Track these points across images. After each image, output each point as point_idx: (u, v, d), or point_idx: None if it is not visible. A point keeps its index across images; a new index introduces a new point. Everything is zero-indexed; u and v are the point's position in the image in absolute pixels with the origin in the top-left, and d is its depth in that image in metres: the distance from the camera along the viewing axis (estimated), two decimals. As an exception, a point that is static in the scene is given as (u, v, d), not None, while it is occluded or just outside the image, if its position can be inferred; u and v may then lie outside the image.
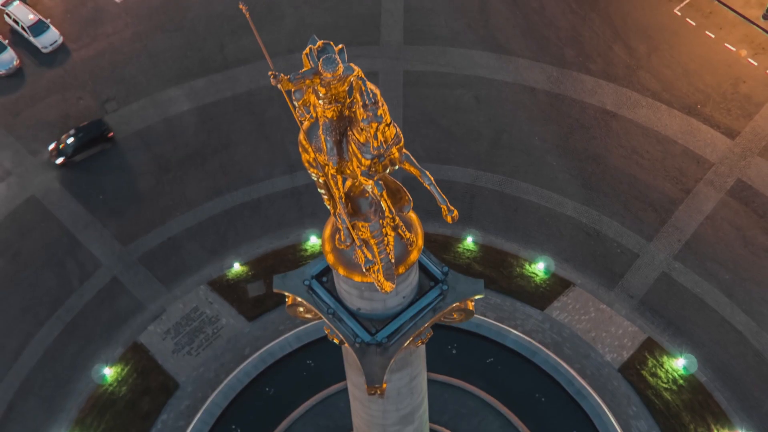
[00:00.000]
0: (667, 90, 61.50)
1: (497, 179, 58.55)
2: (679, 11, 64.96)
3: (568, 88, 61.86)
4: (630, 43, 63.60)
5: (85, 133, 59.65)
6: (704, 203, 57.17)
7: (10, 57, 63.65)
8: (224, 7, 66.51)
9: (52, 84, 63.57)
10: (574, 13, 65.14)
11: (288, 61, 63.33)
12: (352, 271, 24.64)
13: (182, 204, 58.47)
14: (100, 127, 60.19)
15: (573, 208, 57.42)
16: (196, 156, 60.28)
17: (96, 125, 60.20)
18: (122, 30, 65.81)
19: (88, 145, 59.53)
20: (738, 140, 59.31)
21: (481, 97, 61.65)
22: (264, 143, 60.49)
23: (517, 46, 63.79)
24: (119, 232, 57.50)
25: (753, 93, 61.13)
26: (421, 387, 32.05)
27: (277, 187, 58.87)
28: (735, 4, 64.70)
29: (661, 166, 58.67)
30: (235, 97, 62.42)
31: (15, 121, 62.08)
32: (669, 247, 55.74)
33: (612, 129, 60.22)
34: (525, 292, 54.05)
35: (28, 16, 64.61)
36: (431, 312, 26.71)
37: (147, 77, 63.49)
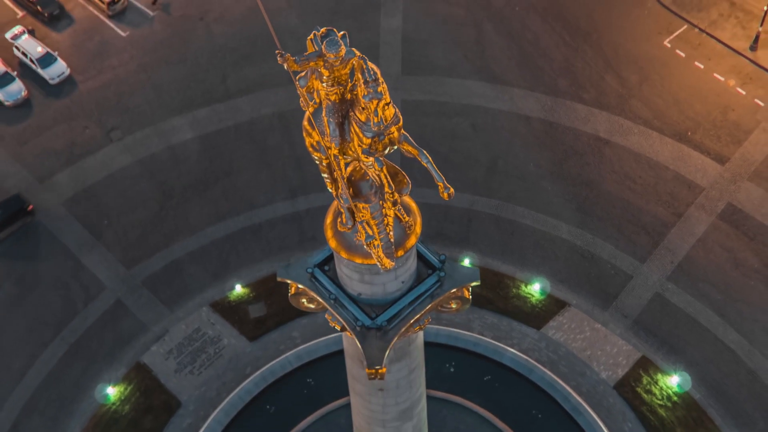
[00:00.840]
0: (659, 118, 63.17)
1: (494, 204, 59.92)
2: (669, 43, 66.89)
3: (561, 117, 63.53)
4: (622, 74, 65.43)
5: (3, 209, 59.09)
6: (696, 226, 58.48)
7: (18, 88, 65.37)
8: (226, 40, 68.43)
9: (58, 114, 65.21)
10: (567, 45, 67.05)
11: (290, 92, 65.20)
12: (354, 254, 25.89)
13: (185, 229, 59.73)
14: (19, 202, 59.40)
15: (568, 231, 58.72)
16: (199, 183, 61.68)
17: (14, 201, 59.40)
18: (128, 62, 67.63)
19: (8, 221, 58.82)
20: (728, 166, 60.80)
21: (477, 125, 63.28)
22: (265, 170, 61.94)
23: (512, 76, 65.61)
24: (123, 256, 58.67)
25: (742, 120, 62.79)
26: (420, 381, 33.05)
27: (278, 212, 60.18)
28: (723, 36, 66.67)
29: (653, 190, 60.08)
30: (237, 126, 64.02)
31: (22, 150, 63.58)
32: (662, 268, 56.92)
33: (605, 155, 61.76)
34: (521, 312, 55.09)
35: (36, 48, 66.46)
36: (429, 298, 27.89)
37: (151, 107, 65.16)
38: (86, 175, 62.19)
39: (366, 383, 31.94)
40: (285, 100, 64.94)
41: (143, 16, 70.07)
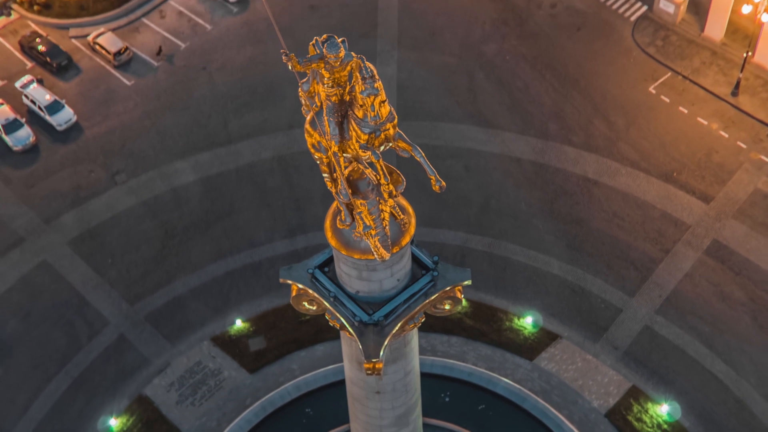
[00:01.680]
0: (645, 159, 65.44)
1: (486, 241, 61.80)
2: (654, 89, 69.51)
3: (552, 159, 65.79)
4: (609, 118, 67.90)
5: None
6: (683, 262, 60.30)
7: (27, 134, 67.61)
8: (228, 88, 70.97)
9: (65, 158, 67.37)
10: (556, 92, 69.63)
11: (289, 136, 67.70)
12: (352, 250, 27.72)
13: (187, 266, 61.44)
14: None
15: (559, 267, 60.49)
16: (201, 222, 63.57)
17: None
18: (132, 109, 70.05)
19: None
20: (712, 204, 62.87)
21: (470, 167, 65.48)
22: (265, 210, 63.91)
23: (504, 121, 68.04)
24: (127, 292, 60.25)
25: (725, 162, 65.06)
26: (415, 386, 34.55)
27: (277, 250, 61.96)
28: (705, 82, 69.31)
29: (641, 228, 62.04)
30: (238, 169, 66.16)
31: (29, 193, 65.56)
32: (650, 302, 58.59)
33: (594, 195, 63.86)
34: (514, 344, 56.59)
35: (44, 96, 68.88)
36: (423, 296, 29.65)
37: (155, 152, 67.37)
38: (91, 216, 64.06)
39: (364, 386, 33.48)
40: (284, 144, 67.22)
41: (148, 67, 72.72)
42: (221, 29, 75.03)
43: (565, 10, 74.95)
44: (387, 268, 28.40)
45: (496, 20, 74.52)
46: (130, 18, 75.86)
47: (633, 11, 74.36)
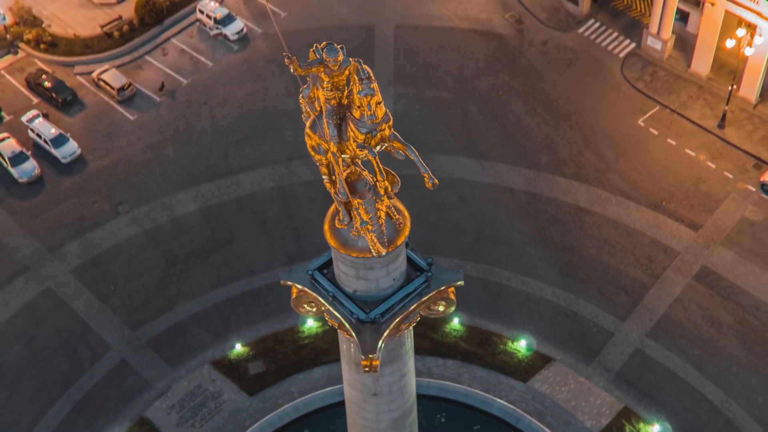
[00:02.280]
0: (635, 189, 67.22)
1: (481, 268, 63.30)
2: (643, 122, 71.54)
3: (544, 189, 67.55)
4: (599, 150, 69.81)
5: None
6: (672, 287, 61.77)
7: (32, 166, 69.32)
8: (228, 122, 72.90)
9: (69, 190, 69.02)
10: (548, 125, 71.63)
11: (288, 168, 69.49)
12: (350, 249, 29.26)
13: (188, 293, 62.80)
14: None
15: (551, 292, 61.94)
16: (202, 251, 65.07)
17: None
18: (135, 143, 71.90)
19: None
20: (701, 232, 64.53)
21: (465, 197, 67.20)
22: (265, 239, 65.44)
23: (497, 153, 69.93)
24: (129, 318, 61.53)
25: (712, 191, 66.87)
26: (410, 389, 35.82)
27: (276, 277, 62.64)
28: (692, 115, 71.38)
29: (631, 255, 63.61)
30: (238, 199, 67.83)
31: (34, 223, 67.08)
32: (641, 326, 59.97)
33: (585, 223, 65.52)
34: (508, 367, 57.82)
35: (50, 130, 70.72)
36: (418, 296, 31.09)
37: (157, 183, 69.06)
38: (94, 245, 65.53)
39: (361, 389, 34.75)
40: (283, 175, 68.96)
41: (150, 102, 74.73)
42: (222, 66, 77.22)
43: (556, 48, 77.29)
44: (383, 267, 29.91)
45: (489, 57, 76.80)
46: (133, 56, 78.07)
47: (621, 48, 76.69)
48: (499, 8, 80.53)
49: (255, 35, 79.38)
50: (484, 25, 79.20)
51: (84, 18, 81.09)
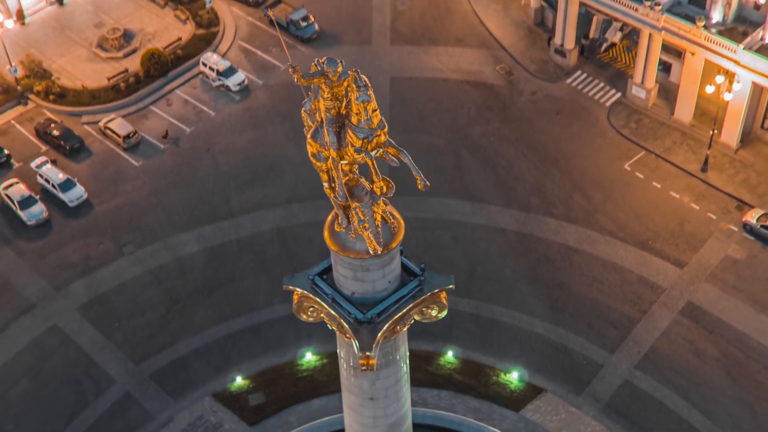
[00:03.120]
0: (622, 229, 69.74)
1: (474, 304, 65.45)
2: (629, 167, 74.39)
3: (534, 229, 70.06)
4: (587, 193, 72.51)
5: None
6: (659, 321, 63.90)
7: (40, 209, 71.78)
8: (230, 168, 75.65)
9: (76, 232, 71.38)
10: (537, 169, 74.46)
11: (287, 210, 72.04)
12: (348, 251, 31.63)
13: (190, 329, 64.79)
14: None
15: (542, 327, 64.03)
16: (204, 289, 67.23)
17: None
18: (140, 188, 74.51)
19: None
20: (686, 269, 66.88)
21: (458, 237, 69.64)
22: (265, 277, 67.65)
23: (489, 195, 72.59)
24: (132, 353, 63.41)
25: (696, 231, 69.41)
26: (405, 396, 37.82)
27: (276, 313, 65.45)
28: (676, 160, 74.27)
29: (619, 291, 65.87)
30: (239, 240, 70.22)
31: (41, 263, 69.30)
32: (630, 358, 61.95)
33: (574, 261, 67.88)
34: (501, 397, 59.64)
35: (58, 175, 73.34)
36: (411, 298, 33.39)
37: (161, 225, 71.49)
38: (100, 284, 67.67)
39: (359, 393, 36.76)
40: (283, 217, 71.45)
41: (155, 149, 77.57)
42: (224, 115, 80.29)
43: (545, 97, 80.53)
44: (379, 269, 32.23)
45: (481, 106, 79.98)
46: (138, 106, 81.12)
47: (608, 97, 79.95)
48: (490, 61, 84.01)
49: (256, 86, 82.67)
50: (475, 77, 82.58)
51: (92, 71, 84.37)
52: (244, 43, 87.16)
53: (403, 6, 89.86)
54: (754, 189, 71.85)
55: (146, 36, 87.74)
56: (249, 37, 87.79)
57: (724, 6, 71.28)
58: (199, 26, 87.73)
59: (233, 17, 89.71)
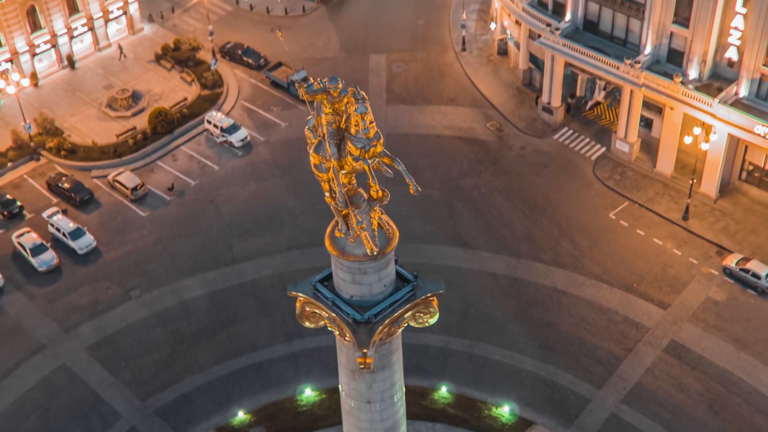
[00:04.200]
0: (608, 273, 72.98)
1: (466, 343, 68.28)
2: (614, 215, 77.99)
3: (524, 273, 73.27)
4: (574, 240, 75.93)
5: None
6: (644, 359, 66.69)
7: (51, 256, 74.98)
8: (232, 217, 79.14)
9: (85, 278, 74.48)
10: (526, 218, 78.02)
11: (287, 257, 75.21)
12: (347, 255, 34.85)
13: (194, 367, 67.41)
14: None
15: (532, 364, 66.77)
16: (207, 330, 70.06)
17: None
18: (146, 236, 77.86)
19: None
20: (669, 310, 69.92)
21: (451, 281, 72.68)
22: (266, 319, 70.55)
23: (480, 242, 75.98)
24: (138, 390, 65.91)
25: (679, 275, 72.64)
26: (400, 401, 40.60)
27: (276, 353, 68.19)
28: (659, 209, 77.91)
29: (605, 330, 68.78)
30: (241, 285, 73.27)
31: (51, 307, 72.23)
32: (616, 393, 64.57)
33: (563, 303, 70.93)
34: (493, 430, 62.12)
35: (68, 224, 76.77)
36: (405, 302, 36.52)
37: (167, 271, 74.63)
38: (107, 325, 70.48)
39: (357, 396, 39.56)
40: (283, 263, 74.64)
41: (161, 200, 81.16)
42: (227, 170, 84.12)
43: (533, 152, 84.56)
44: (376, 272, 35.43)
45: (473, 160, 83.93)
46: (145, 161, 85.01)
47: (593, 151, 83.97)
48: (481, 118, 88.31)
49: (258, 143, 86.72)
50: (467, 133, 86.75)
51: (101, 129, 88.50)
52: (247, 103, 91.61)
53: (399, 69, 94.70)
54: (733, 236, 75.34)
55: (153, 96, 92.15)
56: (251, 97, 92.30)
57: (700, 64, 75.72)
58: (204, 87, 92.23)
59: (236, 79, 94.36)
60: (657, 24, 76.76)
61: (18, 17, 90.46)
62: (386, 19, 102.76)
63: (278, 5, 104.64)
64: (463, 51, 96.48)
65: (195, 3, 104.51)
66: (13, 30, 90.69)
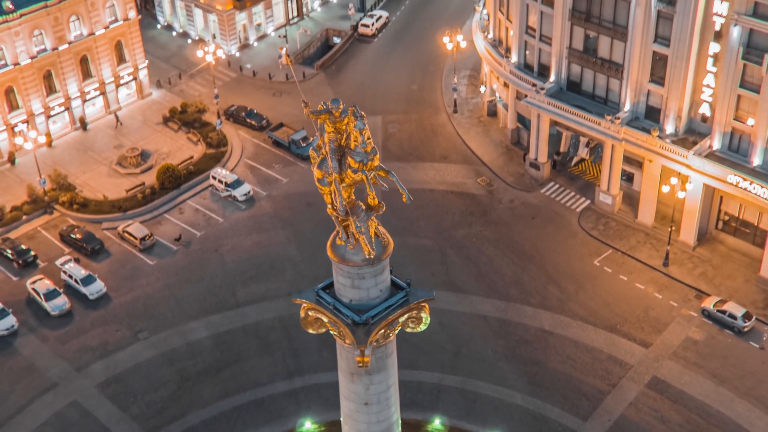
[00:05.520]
0: (593, 315, 76.92)
1: (459, 380, 71.87)
2: (598, 263, 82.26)
3: (513, 316, 77.19)
4: (561, 284, 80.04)
5: None
6: (627, 393, 70.23)
7: (63, 301, 78.87)
8: (236, 265, 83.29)
9: (95, 321, 78.25)
10: (515, 265, 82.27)
11: (288, 301, 78.76)
12: (347, 261, 39.02)
13: (199, 403, 70.79)
14: None
15: (521, 398, 70.28)
16: (211, 368, 73.60)
17: None
18: (154, 283, 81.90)
19: None
20: (651, 349, 73.69)
21: (444, 323, 76.59)
22: (268, 358, 74.17)
23: (472, 287, 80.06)
24: (146, 424, 69.14)
25: (660, 316, 76.60)
26: (395, 404, 44.25)
27: (278, 389, 71.66)
28: (641, 256, 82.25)
29: (591, 368, 72.44)
30: (244, 327, 77.07)
31: (63, 348, 75.83)
32: (601, 425, 67.97)
33: (550, 343, 74.70)
34: (484, 458, 65.49)
35: (80, 271, 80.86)
36: (399, 306, 40.55)
37: (173, 315, 78.46)
38: (117, 365, 74.02)
39: (355, 399, 43.25)
40: (284, 307, 78.50)
41: (168, 250, 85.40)
42: (231, 222, 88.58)
43: (522, 204, 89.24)
44: (372, 277, 39.56)
45: (464, 212, 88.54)
46: (153, 214, 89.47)
47: (578, 204, 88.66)
48: (472, 174, 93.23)
49: (260, 197, 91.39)
50: (459, 187, 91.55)
51: (111, 185, 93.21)
52: (250, 161, 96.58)
53: (394, 129, 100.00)
54: (711, 280, 79.51)
55: (161, 155, 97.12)
56: (254, 155, 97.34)
57: (676, 119, 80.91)
58: (210, 146, 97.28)
59: (240, 139, 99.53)
60: (635, 83, 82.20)
61: (35, 81, 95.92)
62: (382, 84, 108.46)
63: (280, 72, 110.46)
64: (454, 113, 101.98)
65: (201, 69, 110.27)
66: (31, 93, 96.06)
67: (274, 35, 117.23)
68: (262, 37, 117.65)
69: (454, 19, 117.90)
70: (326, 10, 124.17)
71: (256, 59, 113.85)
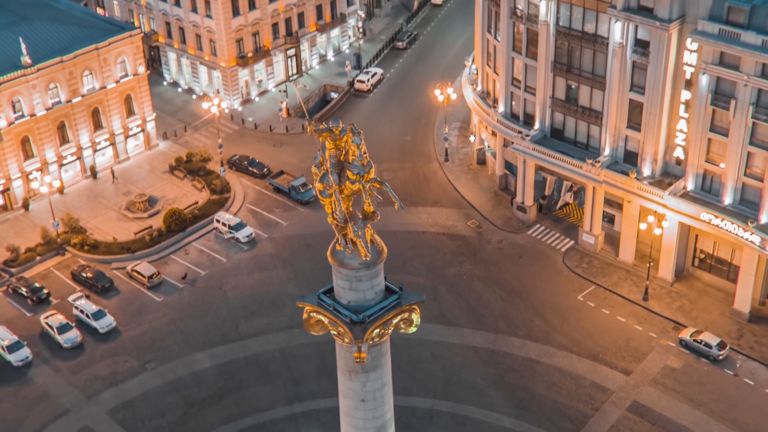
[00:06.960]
0: (577, 345, 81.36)
1: (449, 405, 76.02)
2: (582, 297, 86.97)
3: (501, 346, 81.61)
4: (546, 318, 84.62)
5: None
6: (609, 416, 74.40)
7: (75, 334, 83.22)
8: (239, 301, 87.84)
9: (105, 353, 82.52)
10: (503, 300, 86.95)
11: (288, 334, 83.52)
12: (345, 265, 43.77)
13: (204, 427, 74.76)
14: None
15: (509, 422, 74.39)
16: (215, 395, 77.71)
17: None
18: (161, 317, 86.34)
19: None
20: (632, 376, 78.04)
21: (436, 353, 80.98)
22: (269, 386, 78.34)
23: (462, 321, 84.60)
24: (154, 447, 73.27)
25: (640, 346, 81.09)
26: (390, 402, 48.50)
27: (278, 414, 75.74)
28: (622, 291, 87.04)
29: (574, 393, 76.67)
30: (246, 357, 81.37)
31: (75, 377, 79.98)
32: (584, 445, 72.15)
33: (536, 371, 79.02)
34: (474, 476, 69.32)
35: (91, 306, 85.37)
36: (393, 308, 45.18)
37: (179, 347, 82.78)
38: (126, 393, 78.14)
39: (353, 396, 47.52)
40: (285, 340, 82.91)
41: (174, 288, 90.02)
42: (234, 261, 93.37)
43: (509, 245, 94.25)
44: (369, 280, 44.25)
45: (455, 252, 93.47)
46: (160, 255, 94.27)
47: (563, 244, 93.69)
48: (462, 217, 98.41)
49: (261, 239, 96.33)
50: (450, 230, 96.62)
51: (120, 228, 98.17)
52: (252, 206, 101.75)
53: (388, 176, 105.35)
54: (688, 313, 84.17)
55: (168, 201, 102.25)
56: (256, 201, 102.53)
57: (652, 162, 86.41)
58: (213, 192, 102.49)
59: (242, 186, 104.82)
60: (613, 129, 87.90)
61: (50, 131, 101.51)
62: (377, 136, 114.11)
63: (280, 124, 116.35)
64: (446, 161, 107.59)
65: (205, 121, 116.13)
66: (45, 143, 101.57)
67: (275, 90, 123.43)
68: (263, 92, 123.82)
69: (445, 75, 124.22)
70: (324, 68, 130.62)
71: (257, 113, 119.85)
